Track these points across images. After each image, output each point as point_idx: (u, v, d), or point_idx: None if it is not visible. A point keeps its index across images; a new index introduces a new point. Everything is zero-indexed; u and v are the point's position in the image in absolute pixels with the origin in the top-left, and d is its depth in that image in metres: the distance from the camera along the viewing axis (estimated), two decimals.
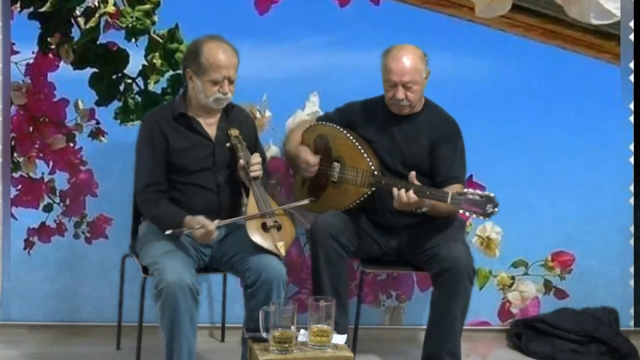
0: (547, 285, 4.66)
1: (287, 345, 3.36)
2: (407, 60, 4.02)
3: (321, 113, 4.48)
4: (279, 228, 3.85)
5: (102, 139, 4.47)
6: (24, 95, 4.42)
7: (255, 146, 4.08)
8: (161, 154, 3.90)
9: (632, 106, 4.59)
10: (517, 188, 4.57)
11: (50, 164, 4.46)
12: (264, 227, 3.85)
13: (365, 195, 4.08)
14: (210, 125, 3.98)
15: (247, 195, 3.96)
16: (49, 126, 4.44)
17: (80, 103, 4.44)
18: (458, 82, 4.50)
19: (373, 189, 4.05)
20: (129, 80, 4.44)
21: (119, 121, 4.45)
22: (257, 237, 3.82)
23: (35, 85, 4.41)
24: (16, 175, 4.44)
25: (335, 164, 4.17)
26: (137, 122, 4.42)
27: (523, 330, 4.53)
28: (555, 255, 4.64)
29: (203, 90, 3.88)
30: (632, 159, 4.60)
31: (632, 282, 4.64)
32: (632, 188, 4.61)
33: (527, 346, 4.46)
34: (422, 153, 4.12)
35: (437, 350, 3.99)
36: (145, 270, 3.89)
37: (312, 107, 4.51)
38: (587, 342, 4.42)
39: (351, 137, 4.14)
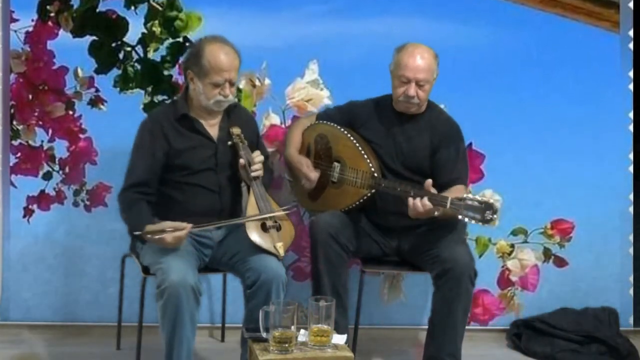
0: (547, 253, 4.65)
1: (287, 345, 3.34)
2: (422, 58, 3.98)
3: (320, 81, 4.49)
4: (278, 228, 3.84)
5: (102, 106, 4.46)
6: (24, 63, 4.42)
7: (257, 145, 4.05)
8: (158, 156, 3.87)
9: (631, 74, 4.58)
10: (516, 156, 4.58)
11: (50, 131, 4.46)
12: (264, 227, 3.83)
13: (365, 197, 4.06)
14: (212, 126, 3.96)
15: (248, 194, 3.95)
16: (48, 94, 4.44)
17: (79, 71, 4.44)
18: (457, 49, 4.47)
19: (373, 190, 4.03)
20: (129, 48, 4.44)
21: (118, 89, 4.44)
22: (256, 237, 3.80)
23: (34, 53, 4.41)
24: (15, 143, 4.44)
25: (336, 164, 4.15)
26: (137, 90, 4.44)
27: (523, 330, 4.52)
28: (555, 223, 4.64)
29: (204, 93, 3.86)
30: (631, 127, 4.59)
31: (631, 250, 4.64)
32: (631, 156, 4.60)
33: (527, 346, 4.44)
34: (423, 154, 4.10)
35: (438, 353, 3.96)
36: (145, 270, 3.87)
37: (312, 75, 4.51)
38: (587, 342, 4.41)
39: (352, 138, 4.12)
